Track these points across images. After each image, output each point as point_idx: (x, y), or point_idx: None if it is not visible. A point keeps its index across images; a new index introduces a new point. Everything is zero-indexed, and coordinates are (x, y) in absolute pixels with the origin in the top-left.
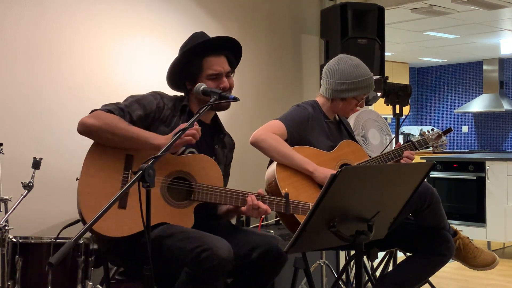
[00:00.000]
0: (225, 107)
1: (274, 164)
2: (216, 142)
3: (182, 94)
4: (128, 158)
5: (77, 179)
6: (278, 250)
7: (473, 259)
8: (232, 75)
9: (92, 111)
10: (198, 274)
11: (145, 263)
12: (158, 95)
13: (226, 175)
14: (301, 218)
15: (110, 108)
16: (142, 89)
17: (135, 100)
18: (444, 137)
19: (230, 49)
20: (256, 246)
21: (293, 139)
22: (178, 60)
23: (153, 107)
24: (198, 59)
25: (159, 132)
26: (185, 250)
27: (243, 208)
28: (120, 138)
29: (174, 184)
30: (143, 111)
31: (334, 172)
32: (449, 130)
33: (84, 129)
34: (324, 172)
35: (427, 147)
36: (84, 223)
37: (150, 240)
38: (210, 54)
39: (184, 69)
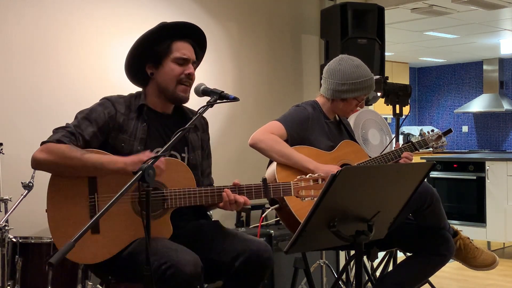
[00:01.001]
0: (182, 100)
1: (274, 164)
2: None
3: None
4: (91, 182)
5: (46, 210)
6: (261, 257)
7: (473, 259)
8: (195, 68)
9: (42, 143)
10: None
11: (126, 273)
12: (108, 102)
13: (208, 156)
14: (301, 218)
15: (59, 138)
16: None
17: (84, 117)
18: (444, 138)
19: (197, 41)
20: (239, 254)
21: (293, 140)
22: (145, 37)
23: (105, 117)
24: (167, 41)
25: (119, 141)
26: (152, 268)
27: (220, 204)
28: (75, 169)
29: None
30: (96, 126)
31: (335, 166)
32: (449, 131)
33: (37, 165)
34: (325, 168)
35: (427, 148)
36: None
37: (149, 240)
38: (179, 39)
39: (149, 49)
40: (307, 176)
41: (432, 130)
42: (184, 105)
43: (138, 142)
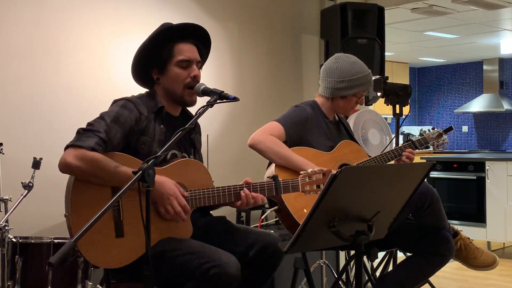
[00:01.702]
0: (189, 104)
1: (273, 166)
2: (191, 131)
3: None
4: (114, 189)
5: (65, 215)
6: (274, 247)
7: (474, 259)
8: (200, 67)
9: (70, 146)
10: None
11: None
12: (131, 104)
13: (201, 158)
14: (300, 219)
15: (94, 146)
16: (142, 89)
17: (113, 120)
18: (444, 136)
19: (200, 40)
20: (253, 244)
21: (292, 140)
22: (147, 43)
23: (132, 122)
24: (169, 45)
25: (140, 143)
26: (192, 266)
27: (237, 203)
28: (106, 181)
29: None
30: (123, 131)
31: (333, 171)
32: (450, 128)
33: (68, 171)
34: None
35: (427, 147)
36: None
37: (150, 240)
38: (181, 41)
39: (152, 55)
40: (310, 171)
41: (433, 128)
42: (188, 108)
43: (157, 143)
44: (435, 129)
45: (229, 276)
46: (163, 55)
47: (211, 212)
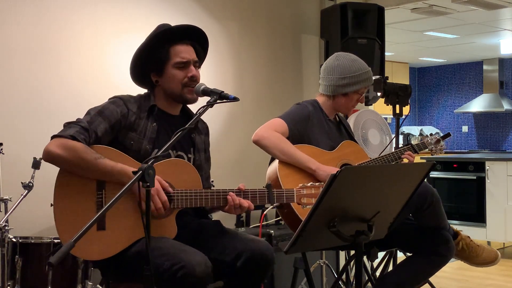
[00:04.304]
0: (190, 101)
1: (276, 162)
2: (191, 131)
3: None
4: (99, 182)
5: (51, 205)
6: (262, 255)
7: (476, 257)
8: (199, 66)
9: (54, 136)
10: None
11: (134, 272)
12: (120, 101)
13: (207, 159)
14: (303, 216)
15: (74, 134)
16: (142, 89)
17: (97, 113)
18: (442, 142)
19: (197, 40)
20: (240, 253)
21: (294, 137)
22: (143, 47)
23: (118, 116)
24: (165, 47)
25: (128, 139)
26: (162, 269)
27: (225, 208)
28: (87, 171)
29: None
30: (108, 123)
31: (336, 169)
32: (448, 135)
33: (49, 159)
34: (327, 170)
35: (426, 149)
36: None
37: (149, 240)
38: (177, 42)
39: (150, 58)
40: (309, 184)
41: (431, 134)
42: (189, 107)
43: (147, 141)
44: (433, 134)
45: (195, 277)
46: (160, 58)
47: (210, 215)
